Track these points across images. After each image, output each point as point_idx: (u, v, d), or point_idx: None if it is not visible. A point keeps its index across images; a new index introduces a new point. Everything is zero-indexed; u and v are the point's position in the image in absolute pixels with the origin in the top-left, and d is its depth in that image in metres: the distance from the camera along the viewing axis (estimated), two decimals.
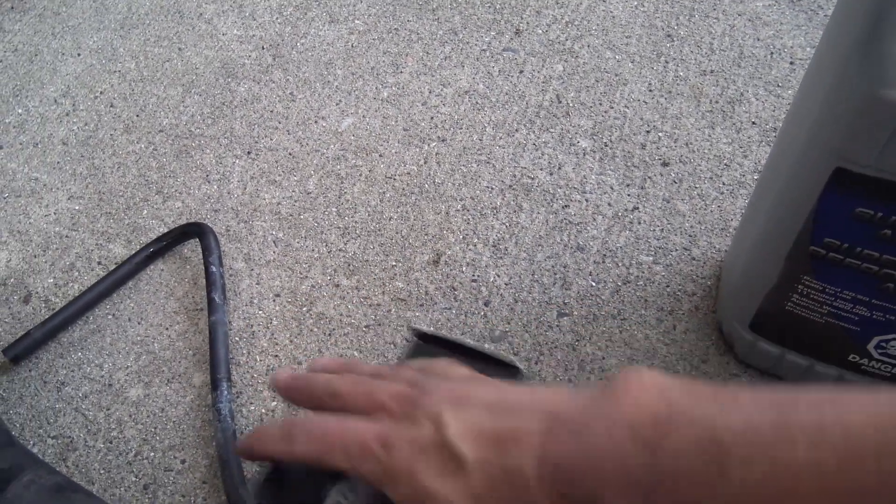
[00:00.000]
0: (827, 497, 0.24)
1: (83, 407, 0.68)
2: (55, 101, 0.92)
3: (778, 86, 0.89)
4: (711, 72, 0.91)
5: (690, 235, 0.77)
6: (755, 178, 0.81)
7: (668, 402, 0.28)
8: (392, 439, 0.31)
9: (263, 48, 0.97)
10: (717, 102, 0.88)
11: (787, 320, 0.60)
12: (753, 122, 0.86)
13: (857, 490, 0.23)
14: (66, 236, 0.79)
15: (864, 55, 0.43)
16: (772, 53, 0.93)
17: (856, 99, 0.44)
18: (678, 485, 0.26)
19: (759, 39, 0.95)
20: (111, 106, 0.91)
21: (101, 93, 0.93)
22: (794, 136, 0.52)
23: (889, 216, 0.48)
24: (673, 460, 0.26)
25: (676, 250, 0.76)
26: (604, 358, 0.69)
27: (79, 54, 0.97)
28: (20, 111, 0.91)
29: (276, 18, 1.01)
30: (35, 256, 0.78)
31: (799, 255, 0.54)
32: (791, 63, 0.92)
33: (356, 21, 1.00)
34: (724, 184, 0.81)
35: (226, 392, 0.66)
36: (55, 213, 0.81)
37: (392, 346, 0.70)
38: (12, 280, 0.76)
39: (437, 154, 0.84)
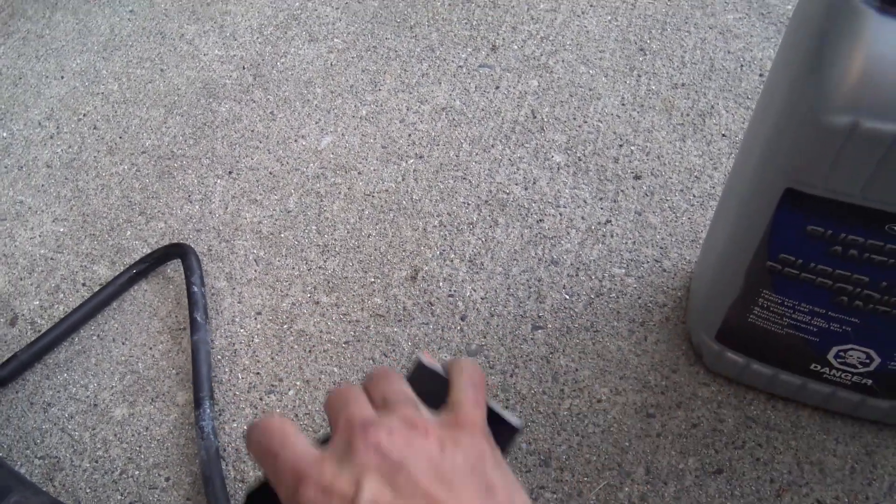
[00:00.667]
0: None
1: (69, 427, 0.70)
2: (39, 123, 0.94)
3: (747, 98, 0.91)
4: (683, 85, 0.94)
5: (661, 247, 0.79)
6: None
7: None
8: (309, 480, 0.33)
9: (244, 68, 0.99)
10: (688, 115, 0.90)
11: (751, 331, 0.62)
12: (723, 135, 0.88)
13: None
14: (52, 258, 0.81)
15: (809, 82, 0.45)
16: (741, 66, 0.95)
17: (802, 124, 0.46)
18: None
19: (729, 52, 0.97)
20: (94, 128, 0.93)
21: (84, 115, 0.94)
22: (749, 155, 0.54)
23: (839, 234, 0.50)
24: None
25: (648, 262, 0.78)
26: (577, 370, 0.71)
27: (62, 77, 0.99)
28: (4, 134, 0.93)
29: (257, 38, 1.02)
30: (21, 279, 0.79)
31: (757, 270, 0.56)
32: (760, 75, 0.94)
33: (335, 39, 1.02)
34: (694, 196, 0.83)
35: (208, 410, 0.68)
36: (40, 236, 0.83)
37: (371, 361, 0.71)
38: None
39: (414, 171, 0.86)
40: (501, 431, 0.43)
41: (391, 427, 0.35)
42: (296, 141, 0.90)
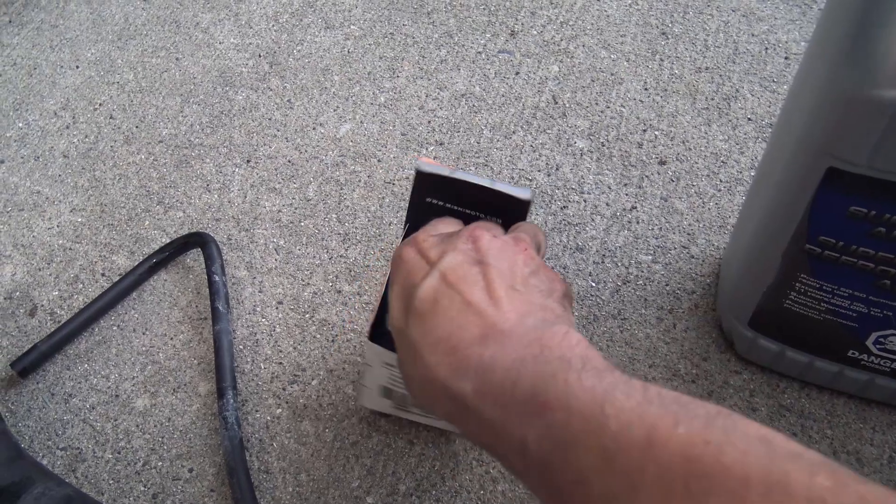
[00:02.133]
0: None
1: (91, 418, 0.69)
2: (55, 113, 0.93)
3: (773, 81, 0.90)
4: (706, 69, 0.92)
5: (689, 233, 0.77)
6: (751, 174, 0.81)
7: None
8: (413, 242, 0.42)
9: (260, 56, 0.97)
10: (712, 99, 0.88)
11: (786, 317, 0.60)
12: (749, 119, 0.86)
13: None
14: (70, 249, 0.80)
15: (852, 55, 0.44)
16: (766, 49, 0.93)
17: (845, 99, 0.44)
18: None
19: (753, 35, 0.95)
20: (111, 118, 0.92)
21: (100, 104, 0.93)
22: (787, 135, 0.53)
23: (882, 214, 0.49)
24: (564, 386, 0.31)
25: (675, 249, 0.76)
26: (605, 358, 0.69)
27: (77, 66, 0.98)
28: (21, 125, 0.92)
29: (272, 26, 1.01)
30: (39, 269, 0.79)
31: (795, 253, 0.55)
32: (786, 58, 0.92)
33: (352, 26, 1.00)
34: (721, 181, 0.81)
35: (231, 400, 0.67)
36: (58, 226, 0.82)
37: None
38: (18, 293, 0.77)
39: (435, 158, 0.85)
40: (514, 208, 0.47)
41: (496, 235, 0.41)
42: (314, 129, 0.89)
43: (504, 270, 0.38)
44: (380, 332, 0.49)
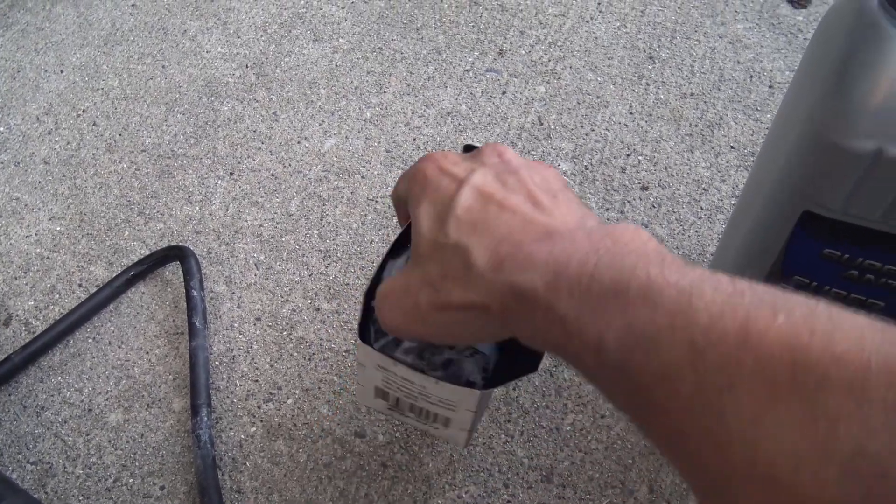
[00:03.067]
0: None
1: (62, 432, 0.68)
2: (37, 118, 0.92)
3: (757, 109, 0.90)
4: (692, 95, 0.92)
5: None
6: (732, 203, 0.82)
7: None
8: (431, 159, 0.40)
9: (247, 66, 0.97)
10: (696, 126, 0.89)
11: None
12: (732, 147, 0.87)
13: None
14: (48, 258, 0.79)
15: (830, 105, 0.44)
16: (751, 77, 0.94)
17: (822, 147, 0.45)
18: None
19: (739, 62, 0.96)
20: (94, 124, 0.91)
21: (83, 111, 0.93)
22: (765, 175, 0.53)
23: (855, 258, 0.49)
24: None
25: None
26: (581, 384, 0.69)
27: (62, 71, 0.97)
28: (1, 129, 0.91)
29: (261, 36, 1.01)
30: (16, 278, 0.78)
31: None
32: (770, 87, 0.93)
33: (340, 39, 1.00)
34: (701, 208, 0.82)
35: (205, 418, 0.67)
36: (36, 234, 0.81)
37: None
38: None
39: None
40: None
41: (520, 156, 0.39)
42: (298, 143, 0.89)
43: (539, 181, 0.36)
44: (367, 331, 0.48)
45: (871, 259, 0.49)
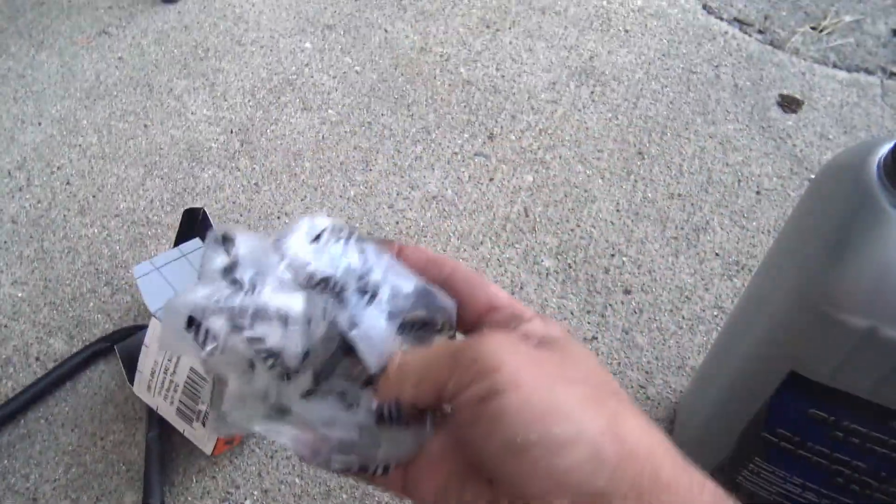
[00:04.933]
0: None
1: None
2: (9, 173, 0.89)
3: (743, 216, 0.90)
4: (679, 195, 0.92)
5: (647, 372, 0.76)
6: (714, 313, 0.81)
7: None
8: None
9: (232, 132, 0.95)
10: (682, 229, 0.88)
11: (737, 491, 0.59)
12: (717, 254, 0.86)
13: None
14: (6, 326, 0.76)
15: (822, 277, 0.43)
16: (739, 181, 0.94)
17: (813, 317, 0.43)
18: None
19: (727, 164, 0.96)
20: (68, 183, 0.88)
21: (58, 168, 0.90)
22: (748, 330, 0.52)
23: (842, 421, 0.48)
24: None
25: (632, 387, 0.75)
26: None
27: (40, 123, 0.95)
28: None
29: (248, 101, 0.99)
30: None
31: (751, 437, 0.54)
32: (757, 192, 0.93)
33: (329, 111, 0.99)
34: (683, 318, 0.80)
35: None
36: None
37: (334, 475, 0.67)
38: None
39: None
40: None
41: None
42: (278, 218, 0.86)
43: None
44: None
45: (857, 424, 0.48)
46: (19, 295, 0.78)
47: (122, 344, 0.72)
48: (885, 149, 0.43)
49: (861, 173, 0.44)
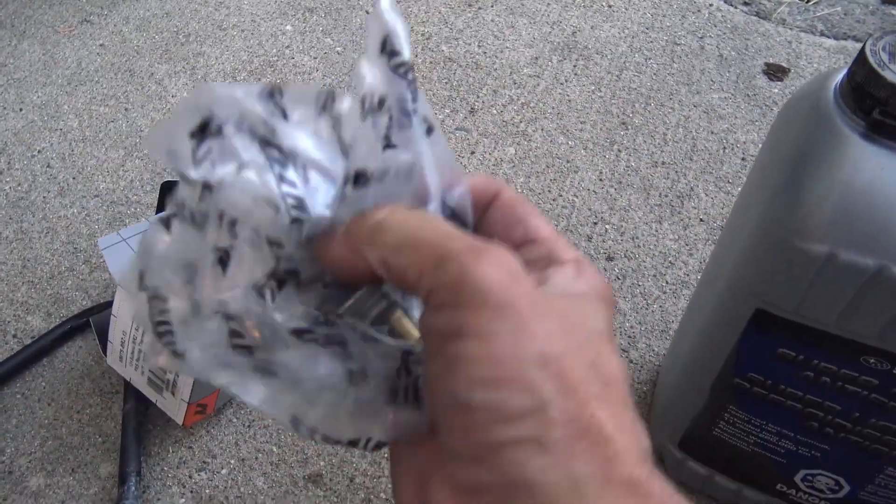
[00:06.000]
0: None
1: None
2: None
3: (728, 182, 0.89)
4: (663, 163, 0.91)
5: (630, 336, 0.75)
6: (698, 278, 0.80)
7: None
8: None
9: None
10: (666, 196, 0.87)
11: (716, 444, 0.58)
12: (701, 219, 0.85)
13: None
14: None
15: (785, 205, 0.42)
16: (724, 148, 0.93)
17: (776, 248, 0.43)
18: None
19: (712, 133, 0.94)
20: (48, 166, 0.88)
21: (38, 151, 0.90)
22: (719, 270, 0.51)
23: (811, 360, 0.47)
24: None
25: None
26: None
27: (21, 109, 0.95)
28: None
29: (229, 83, 0.99)
30: None
31: (723, 385, 0.53)
32: (742, 159, 0.91)
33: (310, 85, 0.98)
34: (667, 283, 0.79)
35: (133, 488, 0.63)
36: None
37: (312, 443, 0.67)
38: None
39: None
40: None
41: None
42: None
43: None
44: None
45: (826, 362, 0.47)
46: None
47: (97, 316, 0.71)
48: (841, 74, 0.42)
49: (819, 100, 0.43)
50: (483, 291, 0.21)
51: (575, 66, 1.03)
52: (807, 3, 1.16)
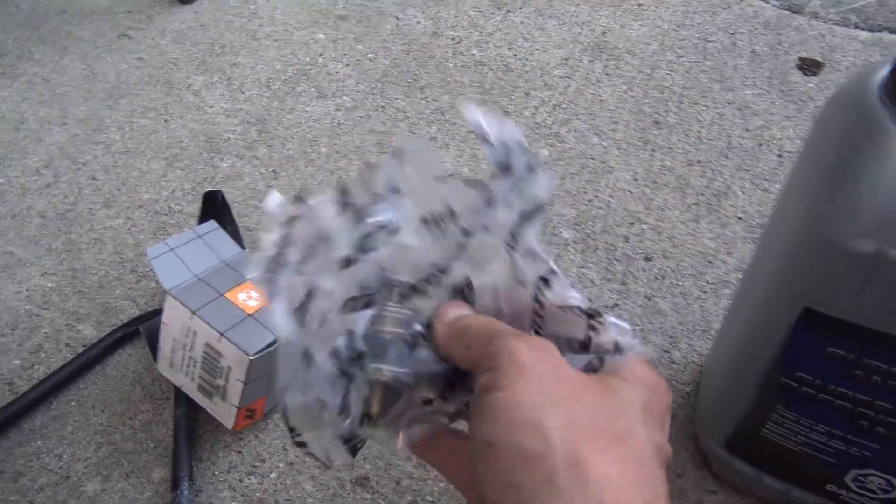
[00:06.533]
0: None
1: (38, 500, 0.66)
2: (37, 171, 0.92)
3: (765, 179, 0.88)
4: (698, 162, 0.91)
5: (671, 336, 0.75)
6: (739, 277, 0.80)
7: None
8: None
9: (249, 122, 0.97)
10: (702, 195, 0.87)
11: (763, 444, 0.58)
12: (739, 217, 0.85)
13: None
14: (37, 315, 0.78)
15: (830, 202, 0.42)
16: (760, 145, 0.92)
17: (822, 247, 0.43)
18: None
19: (747, 130, 0.94)
20: (93, 178, 0.91)
21: (83, 164, 0.92)
22: (763, 268, 0.51)
23: (861, 358, 0.47)
24: None
25: (656, 352, 0.74)
26: None
27: (65, 123, 0.97)
28: (1, 181, 0.91)
29: (264, 92, 1.01)
30: (3, 335, 0.77)
31: (770, 385, 0.53)
32: (779, 155, 0.91)
33: (344, 97, 1.00)
34: (707, 282, 0.79)
35: (186, 491, 0.64)
36: (27, 290, 0.80)
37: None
38: None
39: None
40: None
41: None
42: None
43: None
44: None
45: (877, 361, 0.46)
46: (49, 285, 0.80)
47: (147, 324, 0.73)
48: (885, 70, 0.42)
49: (862, 96, 0.43)
50: (516, 356, 0.26)
51: (606, 66, 1.03)
52: None
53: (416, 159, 0.31)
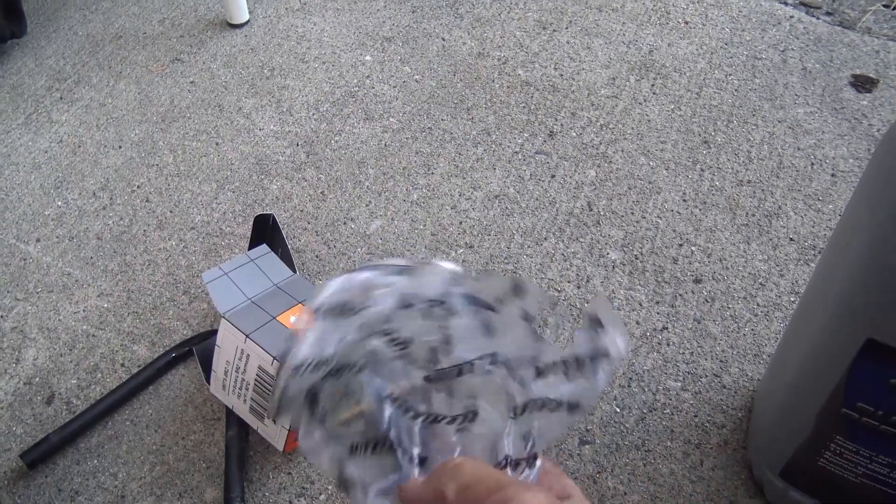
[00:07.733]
0: None
1: None
2: (94, 194, 0.94)
3: (818, 199, 0.87)
4: (748, 182, 0.89)
5: (721, 361, 0.74)
6: (791, 299, 0.78)
7: None
8: None
9: (298, 145, 0.98)
10: (753, 215, 0.86)
11: (820, 475, 0.56)
12: (791, 239, 0.83)
13: None
14: (93, 335, 0.80)
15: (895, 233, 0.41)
16: (812, 164, 0.90)
17: (887, 279, 0.42)
18: None
19: (799, 149, 0.92)
20: (147, 200, 0.93)
21: (138, 187, 0.95)
22: (822, 298, 0.50)
23: None
24: None
25: (706, 376, 0.73)
26: (626, 493, 0.66)
27: (120, 147, 1.00)
28: (60, 203, 0.94)
29: (313, 114, 1.02)
30: (61, 355, 0.79)
31: (830, 415, 0.51)
32: (832, 175, 0.89)
33: (391, 119, 1.01)
34: (758, 305, 0.78)
35: None
36: (84, 311, 0.82)
37: None
38: (37, 379, 0.77)
39: (463, 261, 0.83)
40: None
41: None
42: (344, 223, 0.88)
43: None
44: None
45: None
46: (105, 306, 0.83)
47: (200, 346, 0.75)
48: None
49: None
50: None
51: (653, 85, 1.02)
52: (893, 9, 1.12)
53: None
